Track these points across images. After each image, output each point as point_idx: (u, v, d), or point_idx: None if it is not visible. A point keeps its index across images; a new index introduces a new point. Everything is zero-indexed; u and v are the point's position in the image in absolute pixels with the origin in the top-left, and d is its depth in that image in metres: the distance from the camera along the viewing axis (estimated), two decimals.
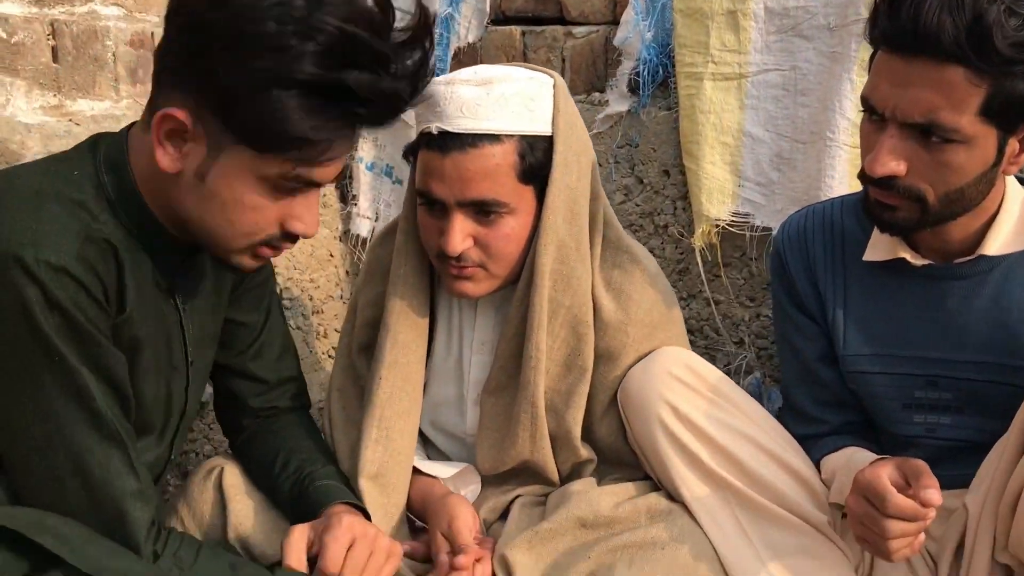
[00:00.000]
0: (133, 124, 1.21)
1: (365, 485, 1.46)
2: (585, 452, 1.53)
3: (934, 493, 1.23)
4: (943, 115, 1.26)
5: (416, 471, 1.55)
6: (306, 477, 1.42)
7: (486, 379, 1.55)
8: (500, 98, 1.40)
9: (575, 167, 1.47)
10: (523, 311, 1.49)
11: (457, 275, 1.46)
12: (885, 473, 1.27)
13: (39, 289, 1.06)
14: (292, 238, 1.19)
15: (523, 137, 1.42)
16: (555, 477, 1.53)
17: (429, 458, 1.63)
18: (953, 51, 1.23)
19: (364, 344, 1.62)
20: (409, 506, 1.53)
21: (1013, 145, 1.31)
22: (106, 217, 1.15)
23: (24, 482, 1.13)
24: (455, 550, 1.39)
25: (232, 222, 1.15)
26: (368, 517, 1.39)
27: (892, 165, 1.31)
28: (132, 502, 1.15)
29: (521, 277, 1.50)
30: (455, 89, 1.40)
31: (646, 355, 1.50)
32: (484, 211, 1.43)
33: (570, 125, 1.47)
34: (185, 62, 1.09)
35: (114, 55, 1.88)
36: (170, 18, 1.11)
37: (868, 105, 1.33)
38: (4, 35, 1.70)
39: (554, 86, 1.46)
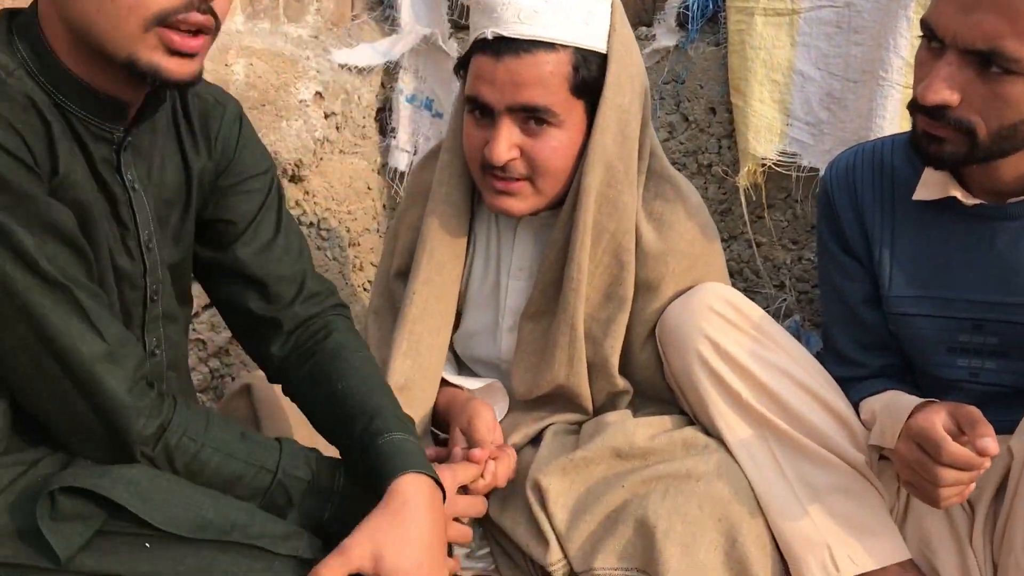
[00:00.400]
0: None
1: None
2: (621, 383, 1.52)
3: (991, 442, 1.20)
4: (1007, 43, 1.21)
5: (444, 384, 1.56)
6: (366, 435, 1.21)
7: (526, 304, 1.54)
8: (558, 7, 1.39)
9: (628, 89, 1.45)
10: (566, 232, 1.48)
11: (502, 189, 1.45)
12: (939, 420, 1.25)
13: None
14: (200, 5, 1.04)
15: (578, 49, 1.41)
16: (589, 405, 1.53)
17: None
18: None
19: (402, 268, 1.62)
20: (434, 417, 1.54)
21: None
22: (23, 77, 1.06)
23: (2, 363, 1.07)
24: (471, 445, 1.40)
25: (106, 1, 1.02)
26: (438, 482, 1.19)
27: (945, 93, 1.26)
28: (102, 365, 1.07)
29: (566, 199, 1.48)
30: None
31: (686, 289, 1.49)
32: (533, 118, 1.41)
33: (625, 46, 1.45)
34: None
35: None
36: None
37: (927, 29, 1.29)
38: None
39: (612, 5, 1.45)
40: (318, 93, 2.16)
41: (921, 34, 1.32)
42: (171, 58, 1.06)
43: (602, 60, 1.43)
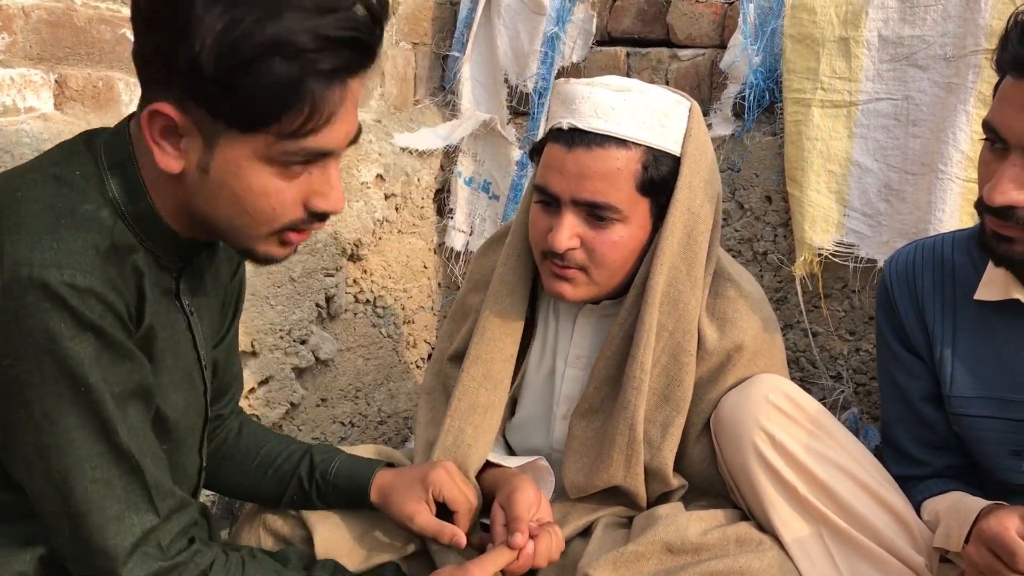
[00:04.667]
0: (131, 117, 1.13)
1: None
2: (676, 482, 1.50)
3: None
4: None
5: (489, 465, 1.54)
6: (315, 470, 1.43)
7: (579, 400, 1.54)
8: (636, 106, 1.42)
9: (700, 193, 1.46)
10: (627, 330, 1.48)
11: (558, 274, 1.47)
12: (1012, 525, 1.23)
13: (67, 312, 0.98)
14: (320, 217, 1.12)
15: (650, 149, 1.42)
16: (643, 503, 1.51)
17: None
18: None
19: (458, 352, 1.63)
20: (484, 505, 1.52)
21: None
22: (119, 224, 1.08)
23: (43, 513, 1.07)
24: (509, 521, 1.38)
25: (248, 212, 1.08)
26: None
27: (1013, 195, 1.26)
28: (134, 555, 1.07)
29: (628, 295, 1.49)
30: (593, 91, 1.42)
31: (744, 379, 1.47)
32: (596, 215, 1.43)
33: (700, 151, 1.47)
34: (156, 54, 1.02)
35: None
36: (134, 16, 1.05)
37: (991, 131, 1.29)
38: None
39: (690, 110, 1.47)
40: (379, 175, 2.21)
41: (984, 135, 1.31)
42: (282, 247, 1.14)
43: (674, 162, 1.44)
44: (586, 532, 1.50)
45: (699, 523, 1.41)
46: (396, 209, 2.30)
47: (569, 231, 1.43)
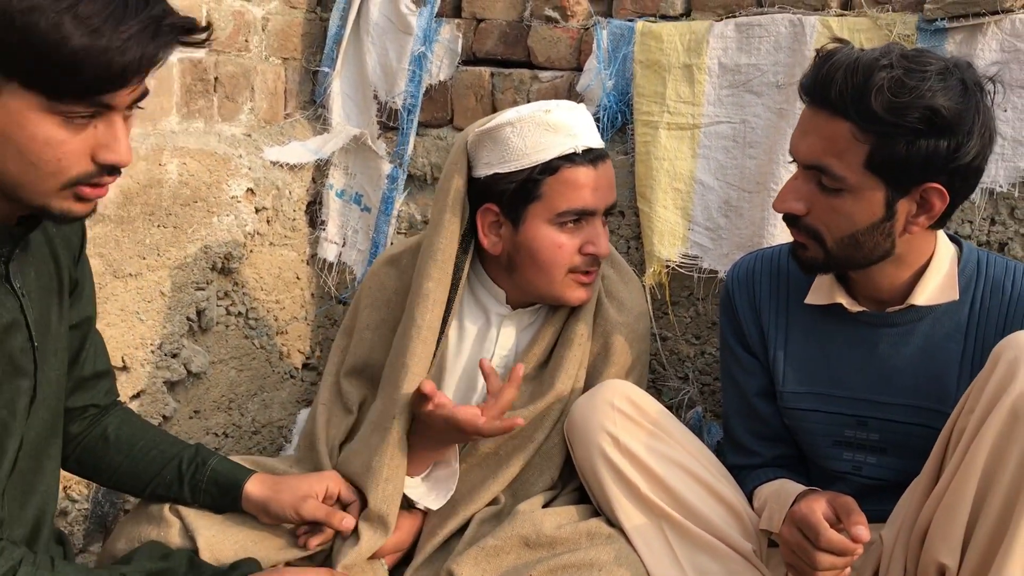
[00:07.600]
0: None
1: (363, 527, 1.57)
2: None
3: (863, 530, 1.32)
4: (831, 163, 1.39)
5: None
6: (196, 457, 1.53)
7: (523, 355, 1.70)
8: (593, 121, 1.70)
9: None
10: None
11: (585, 283, 1.66)
12: (819, 508, 1.37)
13: None
14: (109, 171, 1.15)
15: None
16: (545, 432, 1.65)
17: None
18: (839, 105, 1.37)
19: (356, 367, 1.72)
20: None
21: (908, 206, 1.41)
22: None
23: None
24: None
25: (34, 164, 1.10)
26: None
27: (791, 203, 1.45)
28: None
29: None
30: (574, 114, 1.64)
31: (631, 361, 1.69)
32: (608, 217, 1.70)
33: None
34: None
35: None
36: None
37: (790, 151, 1.48)
38: None
39: None
40: (249, 189, 2.24)
41: None
42: (79, 203, 1.17)
43: None
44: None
45: (554, 518, 1.52)
46: (267, 222, 2.33)
47: (606, 235, 1.67)
